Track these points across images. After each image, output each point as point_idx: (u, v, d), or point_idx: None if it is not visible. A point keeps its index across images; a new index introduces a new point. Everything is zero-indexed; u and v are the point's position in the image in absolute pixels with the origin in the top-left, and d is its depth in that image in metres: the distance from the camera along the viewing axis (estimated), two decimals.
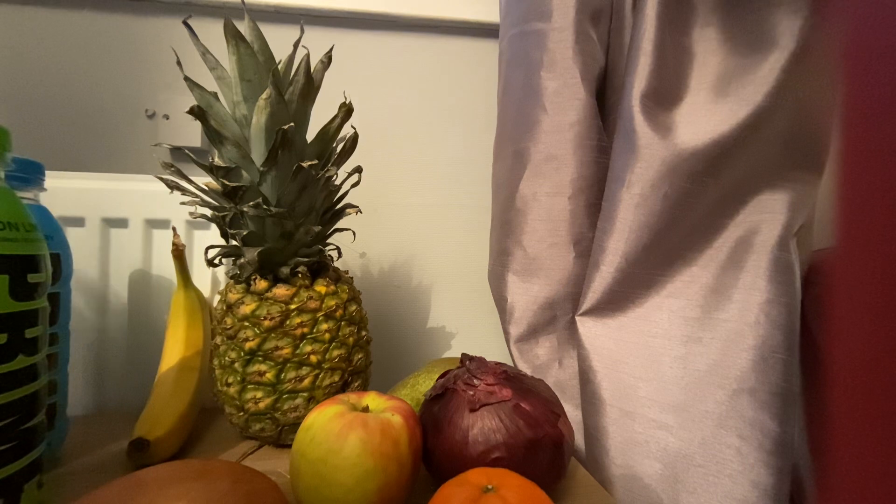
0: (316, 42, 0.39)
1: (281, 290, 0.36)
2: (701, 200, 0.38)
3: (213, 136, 0.34)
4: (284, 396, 0.35)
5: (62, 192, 0.44)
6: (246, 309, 0.35)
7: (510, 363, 0.43)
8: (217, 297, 0.40)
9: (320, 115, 0.39)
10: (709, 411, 0.36)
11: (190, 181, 0.36)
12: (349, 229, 0.43)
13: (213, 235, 0.47)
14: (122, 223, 0.46)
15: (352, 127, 0.39)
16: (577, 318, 0.44)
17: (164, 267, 0.47)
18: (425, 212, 0.60)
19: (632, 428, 0.38)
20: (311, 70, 0.36)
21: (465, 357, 0.34)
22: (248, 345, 0.35)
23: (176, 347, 0.42)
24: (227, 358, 0.36)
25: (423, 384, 0.42)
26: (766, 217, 0.38)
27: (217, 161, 0.34)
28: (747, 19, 0.36)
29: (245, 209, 0.34)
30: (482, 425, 0.29)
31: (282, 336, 0.35)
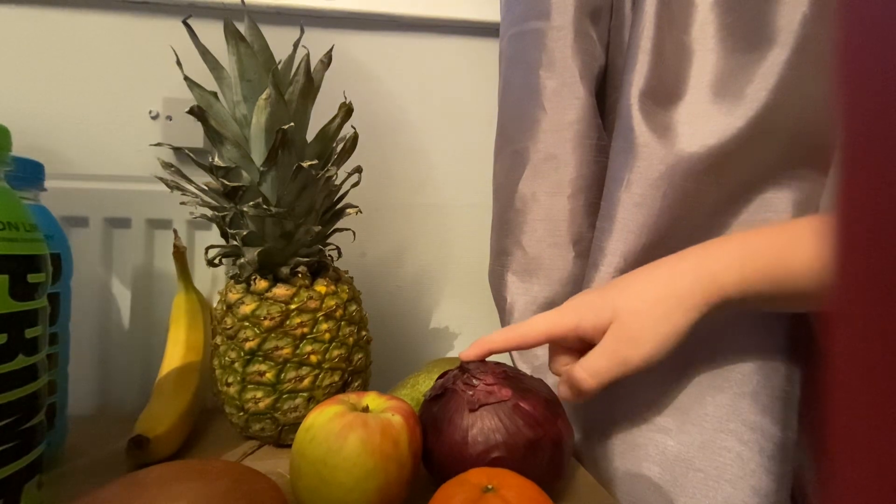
0: (316, 42, 0.39)
1: (281, 290, 0.36)
2: (702, 200, 0.38)
3: (213, 135, 0.34)
4: (284, 396, 0.35)
5: (67, 192, 0.44)
6: (246, 309, 0.36)
7: (510, 363, 0.43)
8: (217, 297, 0.41)
9: (320, 115, 0.39)
10: (708, 415, 0.35)
11: (190, 181, 0.36)
12: (349, 229, 0.43)
13: (214, 236, 0.47)
14: (124, 223, 0.46)
15: (352, 127, 0.39)
16: None
17: (167, 267, 0.47)
18: (425, 212, 0.60)
19: (630, 430, 0.38)
20: (311, 70, 0.36)
21: None
22: (248, 345, 0.35)
23: (177, 350, 0.42)
24: (227, 358, 0.36)
25: (422, 384, 0.42)
26: (770, 216, 0.37)
27: (217, 161, 0.34)
28: (747, 15, 0.35)
29: (245, 209, 0.34)
30: (482, 425, 0.29)
31: (282, 336, 0.35)
